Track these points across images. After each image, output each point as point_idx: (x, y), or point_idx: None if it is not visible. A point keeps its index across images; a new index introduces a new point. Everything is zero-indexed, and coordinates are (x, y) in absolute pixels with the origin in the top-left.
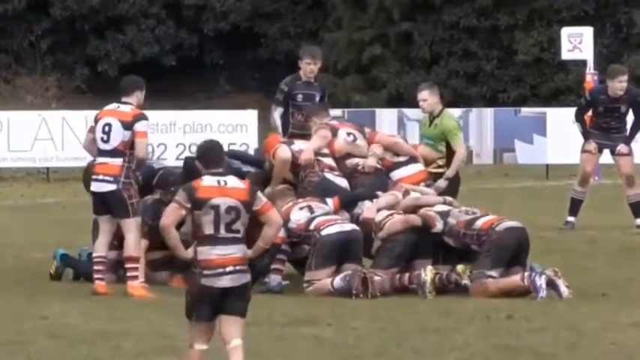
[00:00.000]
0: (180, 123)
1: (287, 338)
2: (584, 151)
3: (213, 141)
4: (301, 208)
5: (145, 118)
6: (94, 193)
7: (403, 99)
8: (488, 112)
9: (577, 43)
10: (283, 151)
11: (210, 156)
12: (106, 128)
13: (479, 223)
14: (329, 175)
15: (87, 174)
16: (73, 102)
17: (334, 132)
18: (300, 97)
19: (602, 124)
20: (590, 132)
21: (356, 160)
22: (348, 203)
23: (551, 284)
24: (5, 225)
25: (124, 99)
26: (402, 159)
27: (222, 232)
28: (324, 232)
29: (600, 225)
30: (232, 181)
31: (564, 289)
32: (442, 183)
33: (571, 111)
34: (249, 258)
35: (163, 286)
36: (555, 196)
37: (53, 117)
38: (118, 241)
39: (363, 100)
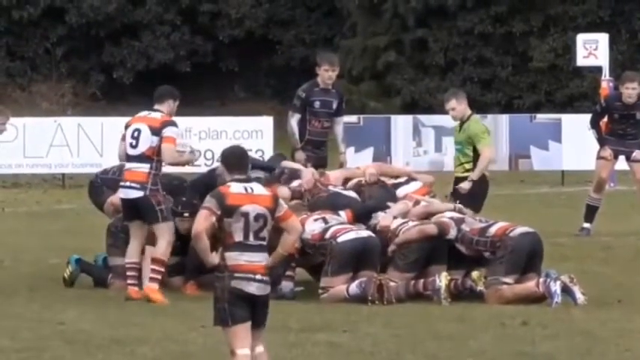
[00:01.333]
0: (196, 129)
1: (302, 344)
2: (599, 157)
3: (239, 147)
4: (315, 220)
5: (173, 124)
6: (122, 200)
7: (418, 105)
8: (504, 119)
9: (592, 49)
10: (282, 189)
11: (236, 161)
12: (135, 134)
13: (492, 229)
14: (337, 189)
15: (91, 187)
16: (89, 108)
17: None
18: (317, 103)
19: (617, 130)
20: (606, 138)
21: (356, 179)
22: (361, 216)
23: (566, 290)
24: (21, 231)
25: (156, 107)
26: (401, 180)
27: (251, 240)
28: (340, 239)
29: (615, 231)
30: (258, 188)
31: (579, 296)
32: (466, 185)
33: (586, 117)
34: (269, 266)
35: (178, 292)
36: (571, 203)
37: (69, 123)
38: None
39: (378, 107)
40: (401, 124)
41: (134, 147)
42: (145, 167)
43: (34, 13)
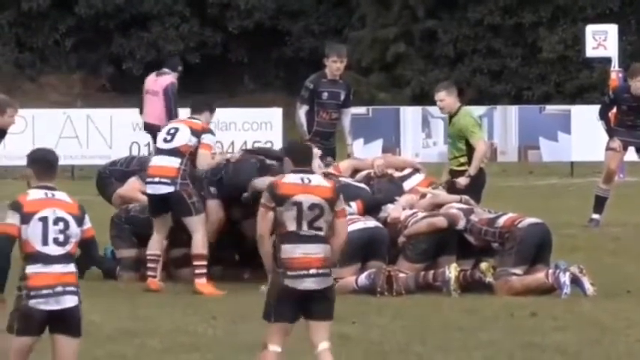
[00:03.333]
0: None
1: None
2: (608, 148)
3: (303, 143)
4: None
5: (212, 133)
6: (150, 195)
7: (427, 97)
8: (513, 110)
9: (602, 40)
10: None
11: (300, 155)
12: (172, 130)
13: (501, 220)
14: (348, 180)
15: (100, 178)
16: (98, 100)
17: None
18: (325, 95)
19: (626, 121)
20: (615, 129)
21: (365, 172)
22: (371, 208)
23: (575, 281)
24: None
25: (194, 116)
26: (406, 172)
27: (305, 229)
28: (348, 230)
29: (625, 222)
30: (317, 180)
31: (589, 287)
32: (464, 180)
33: (596, 108)
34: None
35: (187, 283)
36: (580, 194)
37: (78, 115)
38: (138, 239)
39: (387, 98)
40: (410, 115)
41: (168, 141)
42: (175, 162)
43: (43, 4)
